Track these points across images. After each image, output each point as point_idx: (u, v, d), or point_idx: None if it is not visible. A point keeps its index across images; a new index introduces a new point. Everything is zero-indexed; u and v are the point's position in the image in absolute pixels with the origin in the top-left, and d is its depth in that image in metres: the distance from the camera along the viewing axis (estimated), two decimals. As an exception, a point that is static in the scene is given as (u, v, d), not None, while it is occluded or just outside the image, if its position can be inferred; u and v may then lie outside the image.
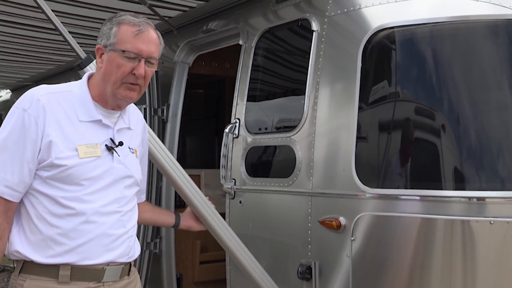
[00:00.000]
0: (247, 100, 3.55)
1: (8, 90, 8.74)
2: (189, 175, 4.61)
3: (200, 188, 4.80)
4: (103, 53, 2.11)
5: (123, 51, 2.06)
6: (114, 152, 2.13)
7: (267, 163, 3.49)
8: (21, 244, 2.01)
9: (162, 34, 4.69)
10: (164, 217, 2.78)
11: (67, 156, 2.01)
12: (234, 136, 3.56)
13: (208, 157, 6.38)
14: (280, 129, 3.35)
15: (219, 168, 3.66)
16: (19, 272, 2.04)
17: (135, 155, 2.26)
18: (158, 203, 4.24)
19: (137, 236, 2.34)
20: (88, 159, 2.05)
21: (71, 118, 2.06)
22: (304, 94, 3.14)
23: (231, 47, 4.09)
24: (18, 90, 8.03)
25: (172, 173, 2.69)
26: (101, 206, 2.07)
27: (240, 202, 3.50)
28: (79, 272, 2.02)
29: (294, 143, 3.16)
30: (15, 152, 1.99)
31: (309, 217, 3.03)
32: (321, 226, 2.94)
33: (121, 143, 2.16)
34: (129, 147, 2.22)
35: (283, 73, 3.57)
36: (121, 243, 2.10)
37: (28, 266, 2.02)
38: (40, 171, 2.02)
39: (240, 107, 3.59)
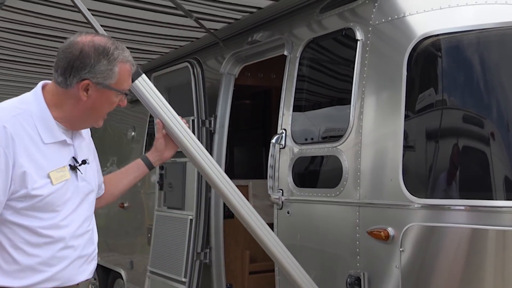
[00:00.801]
0: (293, 111, 3.56)
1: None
2: (237, 186, 4.66)
3: (248, 199, 4.86)
4: (88, 88, 2.05)
5: (122, 92, 2.12)
6: (77, 170, 2.12)
7: (314, 173, 3.48)
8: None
9: (208, 46, 4.82)
10: (137, 172, 2.61)
11: (42, 185, 1.98)
12: (281, 146, 3.57)
13: (256, 168, 6.41)
14: (326, 139, 3.35)
15: (267, 178, 3.70)
16: None
17: (88, 163, 2.23)
18: (207, 213, 4.29)
19: (188, 246, 2.37)
20: (60, 184, 2.03)
21: (35, 141, 2.00)
22: (350, 104, 3.12)
23: (276, 58, 4.12)
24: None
25: (219, 184, 2.73)
26: (76, 228, 2.09)
27: (288, 213, 3.50)
28: None
29: (340, 153, 3.15)
30: None
31: (357, 228, 3.01)
32: (369, 237, 2.92)
33: (84, 162, 2.16)
34: (84, 160, 2.18)
35: (328, 82, 3.57)
36: (91, 261, 2.18)
37: None
38: (12, 201, 1.96)
39: (286, 118, 3.60)
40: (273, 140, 3.58)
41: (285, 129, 3.59)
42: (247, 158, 6.55)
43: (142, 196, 5.63)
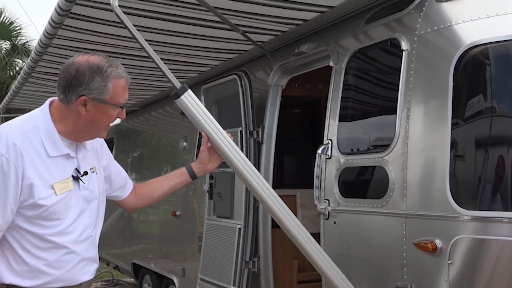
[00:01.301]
0: (339, 121, 3.57)
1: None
2: (285, 196, 4.70)
3: (296, 209, 4.91)
4: (86, 103, 2.22)
5: (118, 105, 2.27)
6: (79, 181, 2.29)
7: (360, 183, 3.48)
8: (8, 274, 2.18)
9: (256, 58, 4.89)
10: (179, 179, 2.78)
11: (47, 196, 2.17)
12: (327, 157, 3.59)
13: (305, 177, 6.42)
14: (372, 149, 3.34)
15: None
16: None
17: (95, 172, 2.40)
18: (255, 222, 4.34)
19: (236, 254, 3.04)
20: (63, 194, 2.21)
21: (41, 155, 2.18)
22: (396, 113, 3.11)
23: (323, 68, 4.14)
24: (128, 115, 8.47)
25: (263, 195, 2.77)
26: (78, 235, 2.27)
27: (335, 223, 3.51)
28: None
29: (386, 164, 3.14)
30: (0, 197, 2.11)
31: (404, 239, 2.99)
32: (417, 249, 2.89)
33: (85, 173, 2.32)
34: (90, 169, 2.36)
35: (374, 92, 3.57)
36: (93, 263, 2.38)
37: None
38: (23, 209, 2.16)
39: (332, 128, 3.62)
40: (319, 151, 3.60)
41: (331, 140, 3.60)
42: (296, 168, 6.57)
43: (193, 204, 5.73)
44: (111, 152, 2.64)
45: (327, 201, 3.56)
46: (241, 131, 4.35)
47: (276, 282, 4.47)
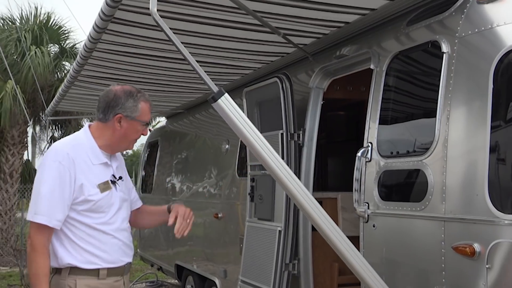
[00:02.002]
0: (379, 124, 3.56)
1: (164, 118, 9.44)
2: (326, 198, 4.70)
3: (337, 211, 4.89)
4: (121, 120, 2.80)
5: (144, 122, 2.86)
6: (116, 184, 2.86)
7: (399, 186, 3.46)
8: (68, 258, 2.70)
9: (298, 60, 4.90)
10: (162, 217, 3.09)
11: (94, 193, 2.74)
12: (367, 160, 3.58)
13: (348, 180, 6.39)
14: (411, 152, 3.32)
15: None
16: (68, 274, 2.72)
17: (124, 180, 2.95)
18: (296, 225, 4.36)
19: (276, 256, 3.71)
20: (105, 193, 2.78)
21: (87, 163, 2.76)
22: (435, 116, 3.09)
23: (365, 71, 4.13)
24: (172, 117, 8.65)
25: (300, 199, 2.79)
26: (119, 224, 2.83)
27: (374, 226, 3.49)
28: (112, 270, 2.78)
29: (425, 167, 3.12)
30: (59, 196, 2.66)
31: (443, 243, 2.96)
32: (455, 252, 2.86)
33: (120, 178, 2.91)
34: (120, 177, 2.92)
35: (414, 95, 3.54)
36: (131, 249, 2.91)
37: (75, 270, 2.72)
38: (75, 205, 2.71)
39: (372, 131, 3.61)
40: (359, 154, 3.60)
41: (371, 143, 3.59)
42: (339, 171, 6.55)
43: (235, 207, 5.79)
44: (156, 154, 3.02)
45: (367, 204, 3.55)
46: (282, 134, 4.38)
47: (316, 285, 4.47)
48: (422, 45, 3.35)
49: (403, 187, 3.43)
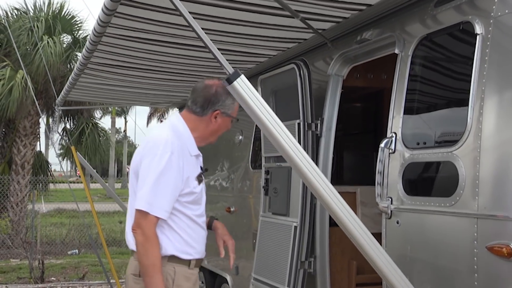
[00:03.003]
0: (404, 113, 3.31)
1: (176, 108, 9.23)
2: (345, 192, 4.46)
3: (356, 206, 4.65)
4: (217, 116, 2.93)
5: (234, 119, 3.05)
6: (203, 176, 2.96)
7: (426, 180, 3.21)
8: (171, 248, 2.79)
9: (316, 47, 4.66)
10: None
11: (196, 185, 2.86)
12: (391, 151, 3.33)
13: (366, 173, 6.15)
14: (440, 143, 3.07)
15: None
16: (167, 262, 2.80)
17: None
18: (312, 220, 4.13)
19: (292, 254, 3.88)
20: (201, 185, 2.91)
21: (186, 154, 2.82)
22: (468, 105, 2.83)
23: (387, 57, 3.88)
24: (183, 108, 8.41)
25: (321, 190, 2.55)
26: (205, 217, 3.00)
27: (398, 223, 3.25)
28: (198, 261, 2.92)
29: (456, 159, 2.87)
30: (172, 188, 2.73)
31: (475, 242, 2.71)
32: (489, 253, 2.61)
33: (206, 169, 3.06)
34: (206, 168, 3.08)
35: (443, 82, 3.28)
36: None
37: (172, 258, 2.81)
38: (180, 196, 2.79)
39: (396, 120, 3.36)
40: (382, 145, 3.35)
41: (395, 133, 3.35)
42: (357, 163, 6.30)
43: (249, 200, 5.57)
44: None
45: (390, 199, 3.31)
46: (298, 124, 4.15)
47: (333, 284, 4.24)
48: (452, 27, 3.09)
49: (431, 180, 3.17)
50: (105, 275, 7.58)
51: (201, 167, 2.94)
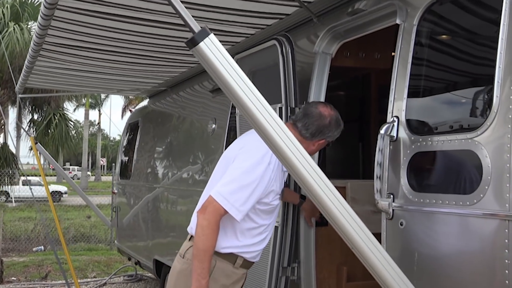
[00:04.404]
0: (409, 93, 2.75)
1: (146, 97, 8.61)
2: (333, 187, 3.90)
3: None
4: (320, 143, 2.98)
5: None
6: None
7: (438, 173, 2.65)
8: (225, 243, 2.79)
9: (299, 24, 4.09)
10: (291, 194, 3.56)
11: (276, 199, 2.85)
12: (392, 139, 2.78)
13: (352, 166, 5.62)
14: (457, 128, 2.52)
15: (363, 179, 3.03)
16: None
17: None
18: (296, 219, 3.59)
19: (272, 259, 3.52)
20: (279, 200, 2.93)
21: (280, 169, 2.82)
22: (493, 81, 2.29)
23: (382, 34, 3.34)
24: (154, 96, 7.82)
25: (312, 182, 1.99)
26: (271, 228, 2.97)
27: (401, 224, 2.71)
28: (246, 263, 2.89)
29: (478, 147, 2.32)
30: (255, 195, 2.71)
31: (506, 251, 2.18)
32: (525, 264, 2.08)
33: (287, 185, 3.41)
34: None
35: (459, 54, 2.72)
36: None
37: (219, 253, 2.80)
38: (256, 204, 2.76)
39: (398, 102, 2.80)
40: (382, 131, 2.80)
41: (397, 117, 2.79)
42: (340, 156, 5.74)
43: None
44: (136, 136, 2.97)
45: (391, 196, 2.76)
46: (280, 108, 3.57)
47: (319, 292, 3.69)
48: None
49: (445, 174, 2.62)
50: (63, 275, 6.96)
51: (284, 182, 3.01)
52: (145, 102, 8.60)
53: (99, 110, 51.25)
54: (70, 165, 63.47)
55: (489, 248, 2.27)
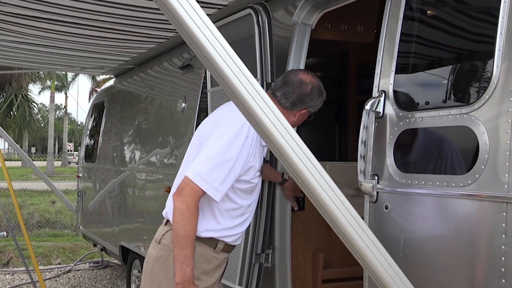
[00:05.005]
0: (397, 65, 2.52)
1: (112, 76, 8.26)
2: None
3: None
4: (301, 114, 2.78)
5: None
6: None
7: (429, 152, 2.43)
8: (203, 226, 2.61)
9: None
10: (273, 173, 3.37)
11: (256, 176, 2.66)
12: (378, 115, 2.55)
13: (328, 150, 5.39)
14: (451, 102, 2.30)
15: (341, 161, 2.81)
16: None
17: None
18: (271, 202, 3.36)
19: (244, 245, 3.30)
20: (260, 177, 2.74)
21: (259, 144, 2.63)
22: (493, 48, 2.07)
23: (365, 6, 3.10)
24: (121, 75, 7.48)
25: (298, 163, 1.75)
26: (252, 209, 2.78)
27: (386, 208, 2.49)
28: (227, 247, 2.72)
29: (475, 123, 2.11)
30: (234, 173, 2.52)
31: (503, 236, 1.97)
32: (526, 251, 1.87)
33: (267, 161, 3.25)
34: (267, 160, 3.22)
35: (453, 19, 2.48)
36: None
37: (198, 237, 2.62)
38: (235, 182, 2.58)
39: (385, 75, 2.57)
40: (367, 106, 2.57)
41: (383, 91, 2.56)
42: (316, 138, 5.51)
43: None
44: (102, 118, 2.52)
45: (376, 177, 2.54)
46: (255, 83, 3.30)
47: (295, 280, 3.48)
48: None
49: (436, 152, 2.40)
50: (24, 262, 6.63)
51: (264, 158, 2.80)
52: (111, 82, 8.25)
53: (66, 93, 50.09)
54: (36, 150, 62.08)
55: (484, 234, 2.06)
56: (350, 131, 5.19)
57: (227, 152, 2.51)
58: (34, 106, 14.63)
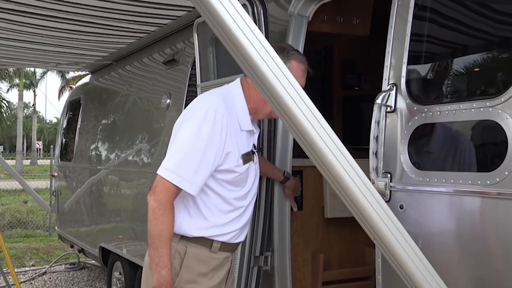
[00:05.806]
0: (410, 56, 2.38)
1: (86, 74, 8.00)
2: (307, 167, 3.54)
3: (321, 184, 3.75)
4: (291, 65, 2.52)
5: None
6: (255, 155, 2.59)
7: (449, 148, 2.30)
8: (189, 224, 2.48)
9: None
10: (275, 170, 3.23)
11: (239, 164, 2.46)
12: (389, 109, 2.41)
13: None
14: (473, 94, 2.17)
15: None
16: (179, 240, 2.49)
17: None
18: (269, 202, 3.21)
19: (242, 248, 3.11)
20: (247, 165, 2.50)
21: (236, 128, 2.46)
22: (521, 37, 1.94)
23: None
24: (98, 71, 7.23)
25: (331, 158, 1.59)
26: (249, 202, 2.59)
27: (401, 208, 2.35)
28: (226, 246, 2.53)
29: (502, 117, 1.98)
30: (207, 162, 2.36)
31: (538, 238, 1.85)
32: None
33: (260, 149, 3.00)
34: (260, 147, 3.08)
35: (472, 5, 2.35)
36: (247, 227, 2.68)
37: (188, 237, 2.50)
38: (216, 173, 2.42)
39: (396, 67, 2.43)
40: (378, 100, 2.43)
41: (395, 84, 2.42)
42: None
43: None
44: (78, 115, 2.35)
45: (389, 175, 2.40)
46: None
47: (294, 282, 3.33)
48: None
49: (457, 148, 2.26)
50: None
51: (254, 145, 2.61)
52: (85, 79, 7.99)
53: (34, 91, 49.16)
54: (4, 149, 60.90)
55: (514, 234, 1.93)
56: (335, 126, 5.07)
57: (194, 141, 2.36)
58: (5, 104, 14.19)
